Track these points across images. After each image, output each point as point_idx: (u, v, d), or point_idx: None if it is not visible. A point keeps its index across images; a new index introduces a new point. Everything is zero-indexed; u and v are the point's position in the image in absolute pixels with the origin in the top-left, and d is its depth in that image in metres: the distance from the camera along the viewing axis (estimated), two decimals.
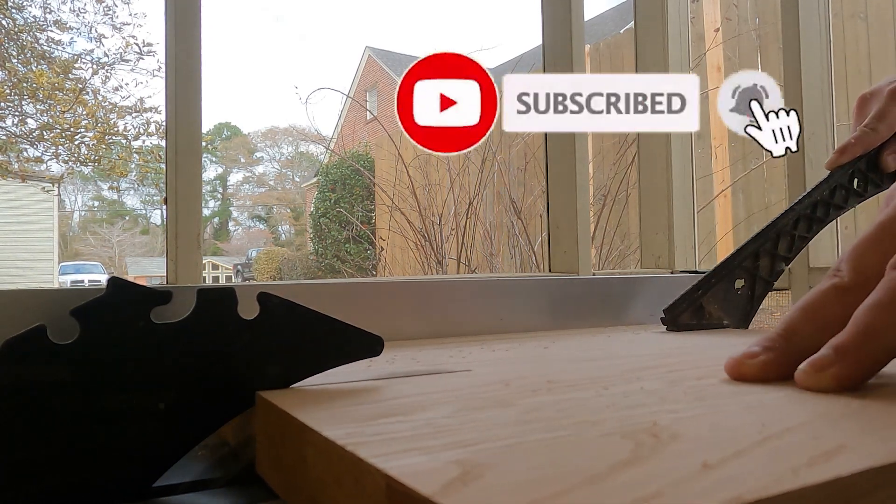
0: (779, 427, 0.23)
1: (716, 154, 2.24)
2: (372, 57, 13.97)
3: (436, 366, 0.42)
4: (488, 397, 0.30)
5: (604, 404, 0.28)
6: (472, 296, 0.63)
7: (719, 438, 0.22)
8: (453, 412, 0.27)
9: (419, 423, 0.25)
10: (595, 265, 2.16)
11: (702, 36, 2.27)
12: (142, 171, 8.62)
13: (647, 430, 0.23)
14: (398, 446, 0.22)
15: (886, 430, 0.23)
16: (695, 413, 0.26)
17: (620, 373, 0.36)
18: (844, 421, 0.24)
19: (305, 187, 14.37)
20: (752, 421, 0.24)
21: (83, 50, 10.00)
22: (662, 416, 0.25)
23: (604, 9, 12.98)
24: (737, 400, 0.28)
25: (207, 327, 0.31)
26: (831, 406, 0.27)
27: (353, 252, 5.83)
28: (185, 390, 0.31)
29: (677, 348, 0.48)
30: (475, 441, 0.22)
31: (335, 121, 11.84)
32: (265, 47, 40.87)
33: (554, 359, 0.44)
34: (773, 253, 0.59)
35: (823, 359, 0.29)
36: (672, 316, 0.59)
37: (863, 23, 2.19)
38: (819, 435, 0.22)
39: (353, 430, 0.24)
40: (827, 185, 0.58)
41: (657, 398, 0.29)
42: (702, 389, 0.31)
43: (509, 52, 19.74)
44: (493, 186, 2.84)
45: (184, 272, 0.60)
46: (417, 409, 0.28)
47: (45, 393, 0.29)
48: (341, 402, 0.30)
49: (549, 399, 0.29)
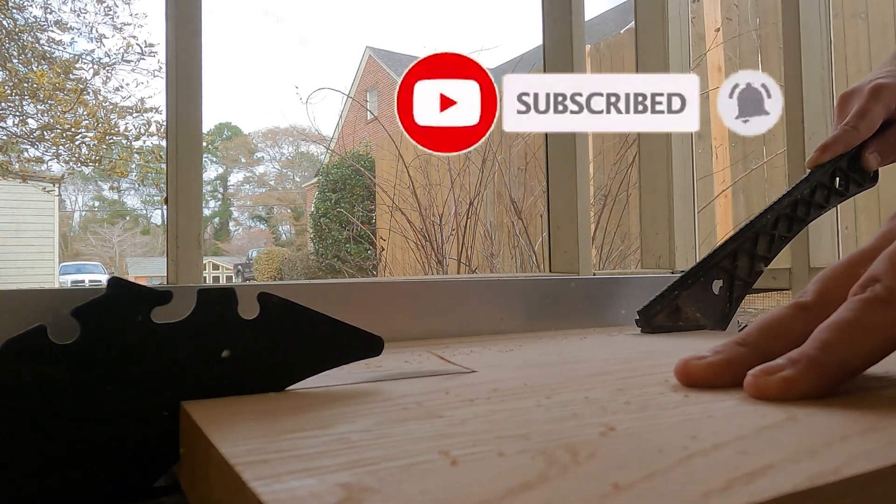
0: (710, 442, 0.22)
1: (716, 154, 2.24)
2: (372, 57, 13.97)
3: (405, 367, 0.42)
4: (421, 407, 0.29)
5: (538, 416, 0.27)
6: (473, 296, 0.63)
7: (642, 455, 0.21)
8: (374, 424, 0.26)
9: (332, 437, 0.24)
10: (595, 265, 2.16)
11: (702, 36, 2.27)
12: (142, 171, 8.62)
13: (568, 447, 0.22)
14: (294, 466, 0.21)
15: (823, 449, 0.21)
16: (629, 426, 0.25)
17: (574, 379, 0.35)
18: (783, 435, 0.23)
19: (306, 187, 14.38)
20: (683, 434, 0.23)
21: (84, 50, 10.00)
22: (591, 430, 0.24)
23: (604, 9, 12.97)
24: (679, 410, 0.27)
25: (208, 327, 0.31)
26: (776, 418, 0.25)
27: (353, 252, 5.84)
28: (185, 390, 0.31)
29: (645, 352, 0.47)
30: (378, 459, 0.21)
31: (336, 121, 11.84)
32: (266, 48, 40.90)
33: (511, 364, 0.43)
34: (752, 253, 0.57)
35: (775, 365, 0.29)
36: (647, 317, 0.58)
37: (863, 23, 2.18)
38: (750, 451, 0.21)
39: (256, 446, 0.23)
40: (808, 183, 0.57)
41: (597, 408, 0.28)
42: (648, 398, 0.30)
43: (510, 52, 19.73)
44: (494, 186, 2.84)
45: (184, 272, 0.60)
46: (339, 421, 0.27)
47: (46, 393, 0.29)
48: (264, 413, 0.29)
49: (484, 409, 0.28)
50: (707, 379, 0.32)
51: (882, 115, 0.54)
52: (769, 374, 0.29)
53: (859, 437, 0.23)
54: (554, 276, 0.77)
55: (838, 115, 0.57)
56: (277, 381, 0.34)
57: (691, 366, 0.32)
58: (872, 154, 0.55)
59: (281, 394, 0.33)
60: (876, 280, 0.29)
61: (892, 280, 0.29)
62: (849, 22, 2.10)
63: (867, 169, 0.56)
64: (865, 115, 0.54)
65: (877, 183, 0.58)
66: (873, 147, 0.55)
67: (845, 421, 0.25)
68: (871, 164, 0.56)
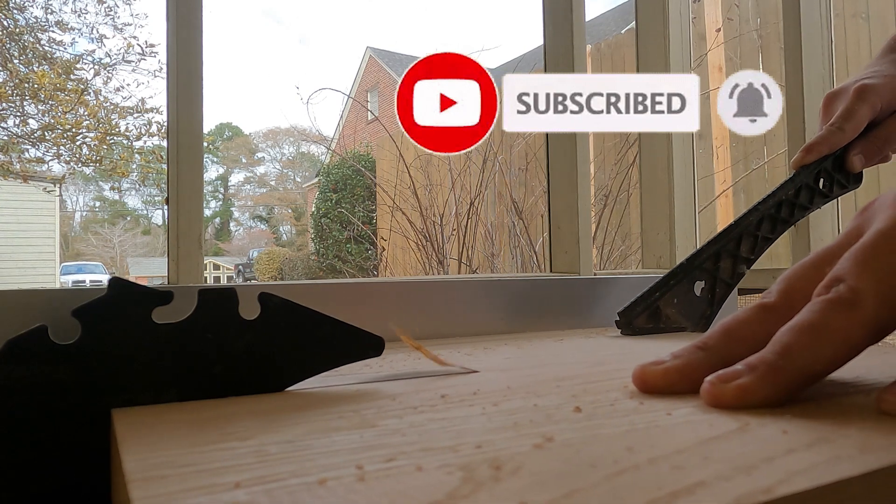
0: (646, 455, 0.21)
1: (717, 154, 2.24)
2: (373, 57, 13.98)
3: None
4: (359, 414, 0.28)
5: (477, 425, 0.26)
6: (473, 296, 0.63)
7: (569, 470, 0.20)
8: (303, 434, 0.25)
9: (249, 449, 0.23)
10: (596, 265, 2.16)
11: (703, 36, 2.27)
12: (143, 171, 8.64)
13: (493, 460, 0.21)
14: (193, 483, 0.20)
15: (764, 464, 0.20)
16: (569, 436, 0.24)
17: (531, 384, 0.34)
18: (726, 448, 0.22)
19: (307, 187, 14.39)
20: (621, 446, 0.22)
21: (85, 50, 10.01)
22: (527, 441, 0.23)
23: (605, 9, 12.97)
24: (627, 420, 0.26)
25: (208, 328, 0.31)
26: (726, 428, 0.24)
27: (354, 252, 5.84)
28: (186, 390, 0.31)
29: (617, 354, 0.46)
30: (285, 475, 0.20)
31: (336, 121, 11.85)
32: (266, 48, 40.92)
33: (475, 367, 0.41)
34: (734, 254, 0.57)
35: (732, 372, 0.28)
36: (627, 319, 0.56)
37: (864, 23, 2.18)
38: (685, 466, 0.20)
39: (166, 459, 0.22)
40: (792, 184, 0.56)
41: (543, 416, 0.27)
42: (600, 406, 0.29)
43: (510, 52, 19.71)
44: (495, 187, 2.84)
45: (185, 272, 0.60)
46: (270, 429, 0.26)
47: (47, 393, 0.29)
48: (196, 422, 0.28)
49: (422, 418, 0.27)
50: (664, 385, 0.31)
51: (867, 117, 0.53)
52: (725, 382, 0.27)
53: (806, 450, 0.22)
54: (555, 276, 0.77)
55: (823, 116, 0.56)
56: (278, 382, 0.34)
57: (648, 372, 0.31)
58: (857, 155, 0.55)
59: (265, 395, 0.33)
60: (840, 280, 0.28)
61: (855, 280, 0.28)
62: (850, 22, 2.10)
63: (852, 170, 0.56)
64: (851, 116, 0.53)
65: (861, 184, 0.57)
66: (858, 148, 0.55)
67: (798, 431, 0.24)
68: (856, 165, 0.55)
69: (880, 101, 0.53)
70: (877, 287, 0.27)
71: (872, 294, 0.27)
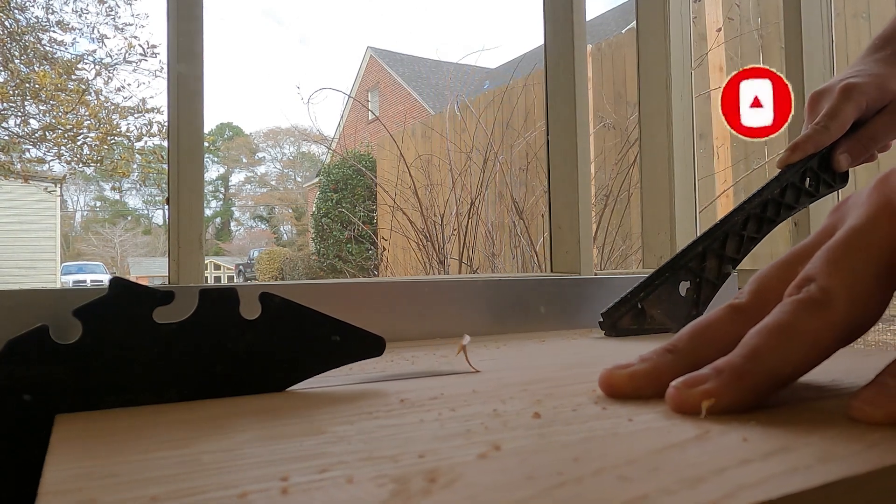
0: (593, 466, 0.20)
1: (718, 154, 2.24)
2: (374, 57, 13.98)
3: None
4: (313, 420, 0.27)
5: (427, 432, 0.25)
6: (474, 296, 0.63)
7: (506, 483, 0.19)
8: (241, 443, 0.24)
9: (182, 459, 0.22)
10: (597, 265, 2.16)
11: (704, 36, 2.26)
12: (144, 171, 8.64)
13: (431, 472, 0.20)
14: (106, 497, 0.19)
15: (713, 476, 0.19)
16: (519, 444, 0.23)
17: (496, 388, 0.33)
18: (679, 458, 0.21)
19: (307, 187, 14.39)
20: (569, 456, 0.21)
21: (85, 51, 10.02)
22: (473, 450, 0.22)
23: (605, 9, 12.98)
24: (586, 427, 0.25)
25: (209, 327, 0.31)
26: (685, 435, 0.23)
27: (354, 252, 5.84)
28: (187, 390, 0.31)
29: (595, 357, 0.45)
30: (207, 488, 0.19)
31: (337, 121, 11.85)
32: (267, 48, 40.93)
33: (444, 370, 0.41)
34: (720, 254, 0.56)
35: (699, 376, 0.27)
36: (611, 321, 0.55)
37: (865, 22, 2.18)
38: (632, 477, 0.19)
39: (89, 470, 0.21)
40: (778, 183, 0.56)
41: (499, 423, 0.26)
42: (561, 412, 0.27)
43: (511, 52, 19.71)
44: (495, 186, 2.84)
45: (186, 272, 0.60)
46: (210, 437, 0.25)
47: (47, 392, 0.29)
48: (137, 428, 0.27)
49: (374, 425, 0.26)
50: (630, 390, 0.30)
51: (853, 115, 0.53)
52: (690, 387, 0.26)
53: (762, 460, 0.20)
54: (555, 276, 0.77)
55: (809, 115, 0.56)
56: (278, 382, 0.34)
57: (614, 376, 0.30)
58: (843, 154, 0.55)
59: (253, 397, 0.33)
60: (811, 280, 0.27)
61: (826, 280, 0.27)
62: (850, 22, 2.10)
63: (838, 169, 0.55)
64: (836, 114, 0.53)
65: (847, 184, 0.57)
66: (844, 147, 0.55)
67: (759, 439, 0.23)
68: (842, 164, 0.55)
69: (865, 100, 0.53)
70: (848, 287, 0.26)
71: (843, 294, 0.26)
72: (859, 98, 0.53)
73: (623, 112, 2.77)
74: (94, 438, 0.25)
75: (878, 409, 0.24)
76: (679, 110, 0.88)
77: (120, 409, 0.30)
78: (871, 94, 0.53)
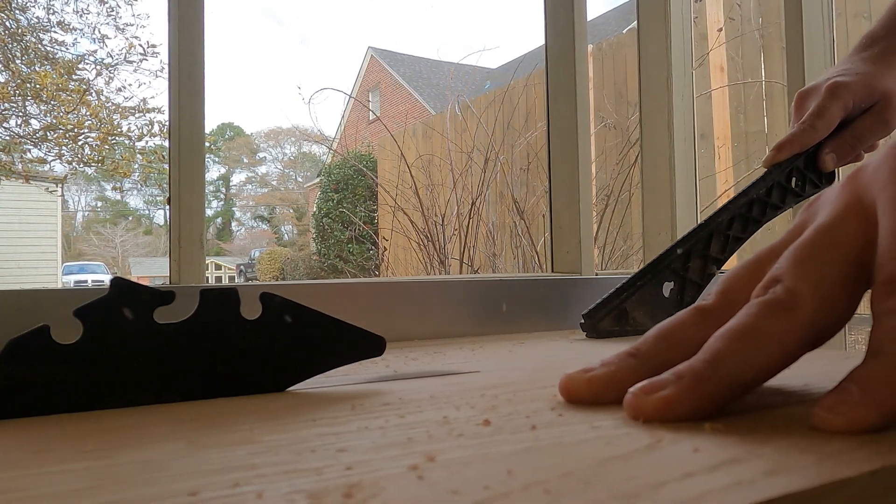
0: (523, 480, 0.19)
1: (719, 154, 2.24)
2: (375, 57, 13.98)
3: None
4: (253, 428, 0.26)
5: (364, 441, 0.24)
6: (475, 297, 0.63)
7: (426, 499, 0.18)
8: (167, 453, 0.23)
9: (92, 472, 0.21)
10: (598, 266, 2.16)
11: (705, 36, 2.26)
12: (145, 171, 8.66)
13: (351, 486, 0.19)
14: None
15: (649, 491, 0.18)
16: (456, 455, 0.22)
17: (456, 393, 0.32)
18: (619, 471, 0.20)
19: (308, 187, 14.41)
20: (501, 470, 0.20)
21: (86, 51, 10.03)
22: (405, 462, 0.21)
23: (606, 9, 12.98)
24: (533, 435, 0.24)
25: (210, 328, 0.31)
26: (635, 445, 0.22)
27: (355, 252, 5.84)
28: (188, 390, 0.31)
29: (568, 359, 0.43)
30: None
31: (338, 121, 11.86)
32: (268, 49, 40.97)
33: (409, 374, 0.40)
34: (704, 255, 0.55)
35: (658, 382, 0.25)
36: (592, 322, 0.54)
37: (866, 22, 2.18)
38: (559, 494, 0.18)
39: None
40: (764, 183, 0.55)
41: (444, 431, 0.25)
42: (513, 419, 0.26)
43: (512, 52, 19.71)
44: (496, 186, 2.84)
45: (187, 272, 0.60)
46: (137, 446, 0.24)
47: (49, 393, 0.29)
48: (72, 436, 0.26)
49: (312, 433, 0.25)
50: (590, 396, 0.28)
51: (839, 115, 0.52)
52: (648, 394, 0.25)
53: (706, 473, 0.19)
54: (556, 276, 0.77)
55: (795, 114, 0.55)
56: (279, 382, 0.34)
57: (573, 381, 0.29)
58: (829, 154, 0.54)
59: (242, 397, 0.33)
60: (777, 280, 0.26)
61: (792, 280, 0.25)
62: (851, 21, 2.09)
63: (824, 169, 0.55)
64: (823, 114, 0.52)
65: (833, 184, 0.56)
66: (830, 147, 0.54)
67: (710, 450, 0.21)
68: (828, 164, 0.54)
69: (852, 99, 0.52)
70: (814, 287, 0.25)
71: (810, 295, 0.25)
72: (846, 97, 0.52)
73: (624, 112, 2.77)
74: (15, 448, 0.24)
75: (839, 416, 0.23)
76: (680, 110, 0.88)
77: (57, 415, 0.29)
78: (858, 93, 0.52)
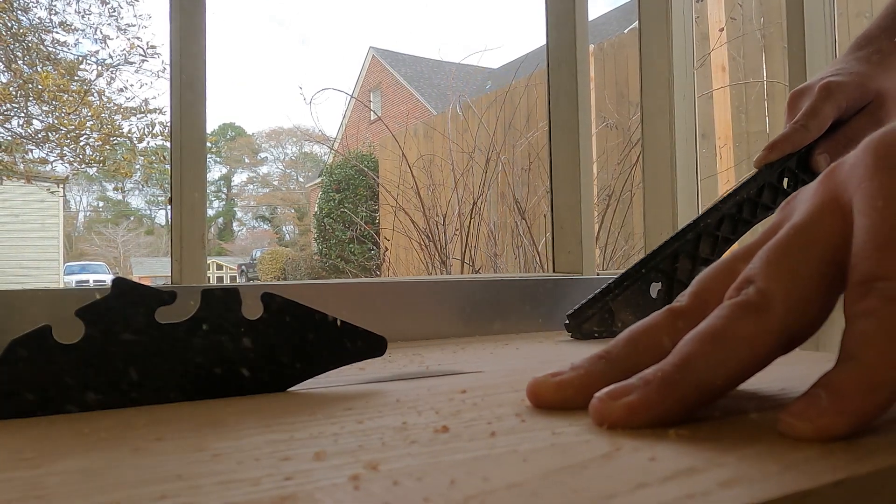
0: (467, 491, 0.18)
1: (721, 154, 2.24)
2: (376, 57, 13.99)
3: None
4: (205, 435, 0.25)
5: (315, 448, 0.23)
6: (476, 297, 0.63)
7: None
8: (106, 461, 0.22)
9: (22, 482, 0.20)
10: (599, 265, 2.16)
11: (706, 36, 2.26)
12: (146, 171, 8.66)
13: (282, 500, 0.18)
14: None
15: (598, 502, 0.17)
16: (402, 465, 0.21)
17: (424, 397, 0.31)
18: (568, 482, 0.19)
19: (309, 188, 14.41)
20: (444, 481, 0.19)
21: (88, 51, 10.05)
22: (347, 471, 0.20)
23: (607, 9, 12.98)
24: (489, 443, 0.23)
25: (211, 328, 0.31)
26: (591, 454, 0.21)
27: (356, 252, 5.85)
28: (188, 390, 0.31)
29: (545, 362, 0.42)
30: None
31: (339, 121, 11.87)
32: (269, 49, 41.00)
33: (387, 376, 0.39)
34: (693, 255, 0.54)
35: (625, 387, 0.25)
36: (577, 322, 0.53)
37: (868, 22, 2.18)
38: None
39: None
40: (755, 183, 0.54)
41: (398, 438, 0.24)
42: (473, 425, 0.25)
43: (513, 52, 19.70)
44: (498, 186, 2.84)
45: (188, 272, 0.61)
46: (76, 454, 0.23)
47: (50, 393, 0.29)
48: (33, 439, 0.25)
49: (262, 440, 0.24)
50: (557, 400, 0.28)
51: (832, 115, 0.52)
52: (615, 399, 0.24)
53: (660, 484, 0.18)
54: (557, 276, 0.77)
55: (788, 114, 0.54)
56: (280, 382, 0.34)
57: (541, 385, 0.28)
58: (822, 155, 0.53)
59: (243, 397, 0.33)
60: (749, 282, 0.25)
61: (765, 281, 0.25)
62: (853, 21, 2.09)
63: (816, 170, 0.54)
64: (815, 114, 0.52)
65: None
66: (823, 147, 0.53)
67: (668, 459, 0.20)
68: (821, 164, 0.53)
69: (845, 99, 0.52)
70: (787, 288, 0.24)
71: (782, 297, 0.24)
72: (839, 97, 0.51)
73: (625, 112, 2.77)
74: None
75: (807, 423, 0.22)
76: (681, 110, 0.88)
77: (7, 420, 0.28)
78: (851, 93, 0.52)
